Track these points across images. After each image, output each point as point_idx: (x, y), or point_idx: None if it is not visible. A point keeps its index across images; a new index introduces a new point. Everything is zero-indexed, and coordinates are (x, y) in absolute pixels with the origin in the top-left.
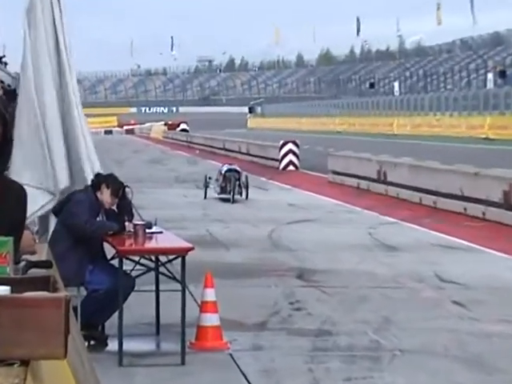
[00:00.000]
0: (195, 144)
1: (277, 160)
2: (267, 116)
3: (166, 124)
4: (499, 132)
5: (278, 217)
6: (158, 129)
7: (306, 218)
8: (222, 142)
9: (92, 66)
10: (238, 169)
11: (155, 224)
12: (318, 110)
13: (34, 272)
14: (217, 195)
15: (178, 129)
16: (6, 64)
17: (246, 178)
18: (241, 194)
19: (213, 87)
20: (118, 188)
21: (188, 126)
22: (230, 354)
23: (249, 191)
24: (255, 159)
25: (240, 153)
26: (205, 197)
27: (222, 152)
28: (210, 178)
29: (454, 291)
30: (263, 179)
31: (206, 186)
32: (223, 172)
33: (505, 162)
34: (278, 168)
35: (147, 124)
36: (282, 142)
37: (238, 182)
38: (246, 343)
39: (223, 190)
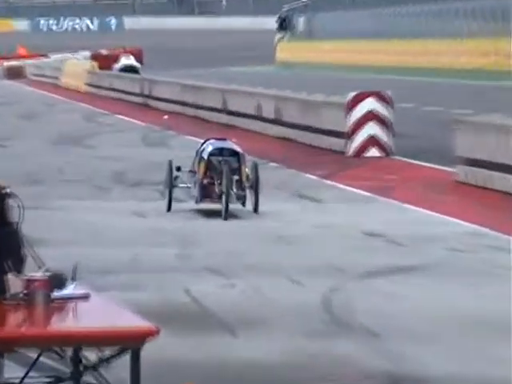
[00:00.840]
0: (159, 101)
1: (341, 135)
2: (318, 37)
3: (94, 57)
4: None
5: (344, 261)
6: (76, 67)
7: (404, 263)
8: (221, 94)
9: None
10: (236, 148)
11: (73, 279)
12: (428, 26)
13: None
14: (195, 204)
15: (117, 66)
16: None
17: (255, 167)
18: (243, 200)
19: None
20: None
21: (140, 60)
22: None
23: (262, 198)
24: (294, 134)
25: (260, 119)
26: (168, 208)
27: (221, 117)
28: (179, 170)
29: None
30: (312, 177)
31: (172, 187)
32: (206, 156)
33: None
34: (343, 153)
35: (54, 56)
36: (352, 96)
37: (236, 177)
38: None
39: (206, 193)
